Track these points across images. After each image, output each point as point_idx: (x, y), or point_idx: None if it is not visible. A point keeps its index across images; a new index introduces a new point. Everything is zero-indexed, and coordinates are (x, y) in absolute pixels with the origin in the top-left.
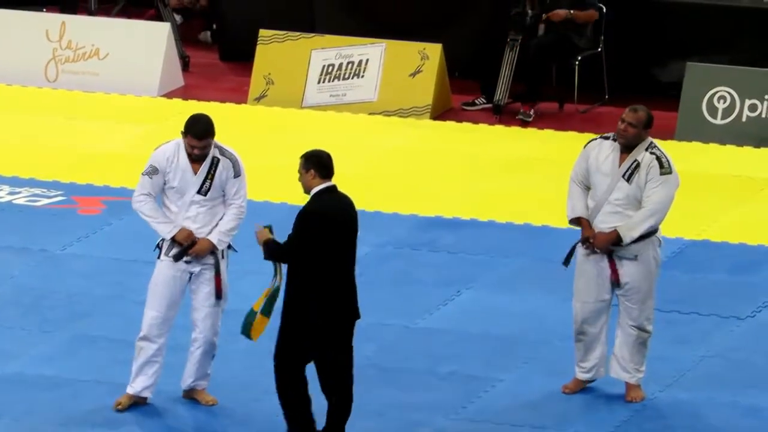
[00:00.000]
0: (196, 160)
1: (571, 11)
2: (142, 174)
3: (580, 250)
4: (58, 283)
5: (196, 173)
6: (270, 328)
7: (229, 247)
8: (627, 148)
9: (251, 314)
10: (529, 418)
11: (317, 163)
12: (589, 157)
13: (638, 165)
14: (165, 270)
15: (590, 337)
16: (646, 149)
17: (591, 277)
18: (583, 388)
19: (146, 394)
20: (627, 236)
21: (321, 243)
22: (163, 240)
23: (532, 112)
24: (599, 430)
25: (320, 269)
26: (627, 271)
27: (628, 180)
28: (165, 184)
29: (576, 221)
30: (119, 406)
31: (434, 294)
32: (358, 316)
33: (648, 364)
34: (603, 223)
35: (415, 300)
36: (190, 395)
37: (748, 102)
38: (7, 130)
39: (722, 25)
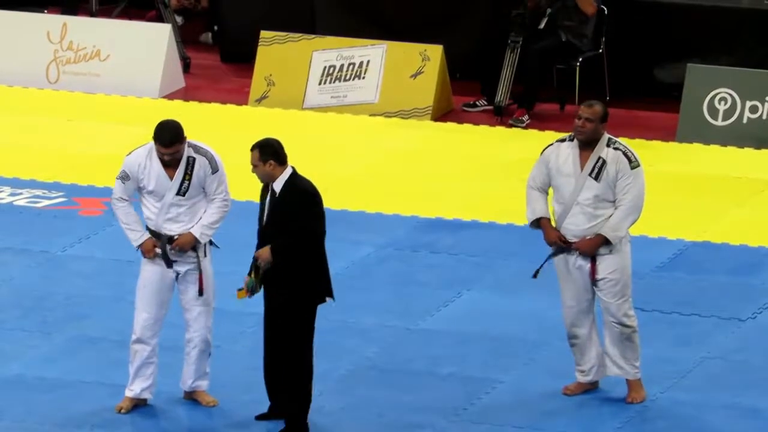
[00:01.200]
0: (169, 164)
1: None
2: (117, 178)
3: (560, 257)
4: (59, 284)
5: (171, 177)
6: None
7: (211, 243)
8: (586, 145)
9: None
10: (529, 419)
11: (274, 153)
12: (548, 161)
13: (604, 162)
14: (150, 271)
15: (582, 339)
16: (608, 145)
17: (571, 280)
18: (585, 390)
19: (146, 395)
20: (614, 237)
21: (316, 222)
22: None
23: (525, 117)
24: (600, 431)
25: (320, 246)
26: (603, 265)
27: (596, 178)
28: (139, 188)
29: (536, 223)
30: (121, 410)
31: (435, 295)
32: (330, 296)
33: (649, 365)
34: (573, 225)
35: (415, 301)
36: (191, 396)
37: (749, 103)
38: (9, 132)
39: (723, 27)
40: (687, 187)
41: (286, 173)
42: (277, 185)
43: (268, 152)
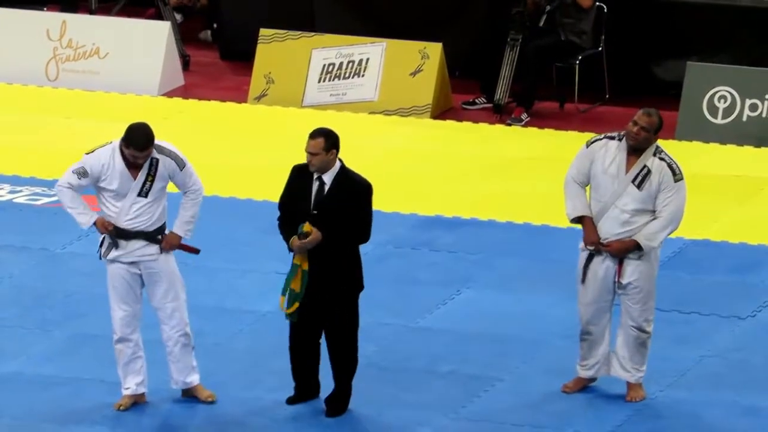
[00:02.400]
0: (135, 166)
1: None
2: (72, 170)
3: (584, 252)
4: (58, 282)
5: (135, 178)
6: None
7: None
8: (635, 151)
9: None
10: (528, 417)
11: (337, 143)
12: (594, 158)
13: (649, 171)
14: (118, 271)
15: (595, 336)
16: (655, 154)
17: (595, 278)
18: (583, 387)
19: (141, 390)
20: (647, 246)
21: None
22: (102, 242)
23: (524, 115)
24: (599, 429)
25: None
26: (630, 270)
27: (639, 186)
28: (99, 187)
29: (578, 220)
30: (121, 407)
31: (434, 293)
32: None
33: (648, 363)
34: (610, 228)
35: (414, 299)
36: (189, 394)
37: (748, 102)
38: (8, 129)
39: (723, 25)
40: (686, 186)
41: (338, 165)
42: (328, 177)
43: (333, 141)
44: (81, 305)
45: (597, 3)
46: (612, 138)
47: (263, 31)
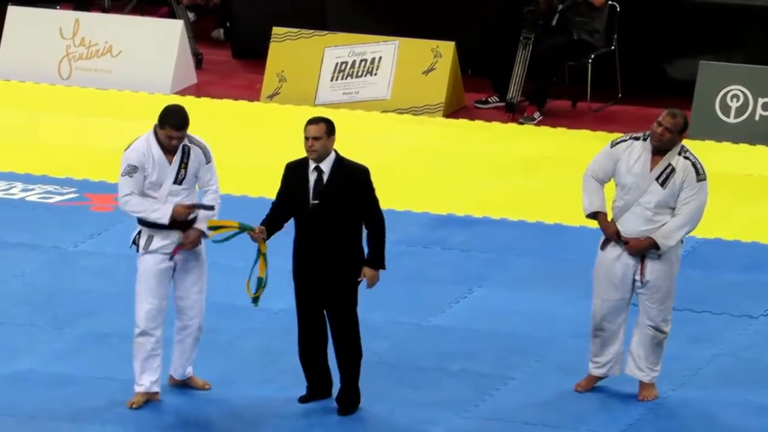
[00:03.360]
0: (170, 150)
1: None
2: (121, 176)
3: (606, 249)
4: (70, 280)
5: (171, 163)
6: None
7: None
8: (659, 151)
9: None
10: (540, 416)
11: (334, 130)
12: (619, 158)
13: (673, 170)
14: (151, 263)
15: (608, 333)
16: (680, 153)
17: (614, 275)
18: (595, 385)
19: (155, 389)
20: (665, 244)
21: None
22: (139, 235)
23: (537, 114)
24: (612, 428)
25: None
26: (650, 269)
27: (663, 184)
28: (145, 179)
29: (593, 215)
30: (134, 405)
31: (446, 292)
32: None
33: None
34: (630, 225)
35: (427, 298)
36: (183, 383)
37: (761, 100)
38: (21, 128)
39: (735, 24)
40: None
41: (334, 154)
42: (326, 165)
43: (332, 127)
44: (92, 303)
45: (609, 2)
46: (637, 138)
47: (276, 30)
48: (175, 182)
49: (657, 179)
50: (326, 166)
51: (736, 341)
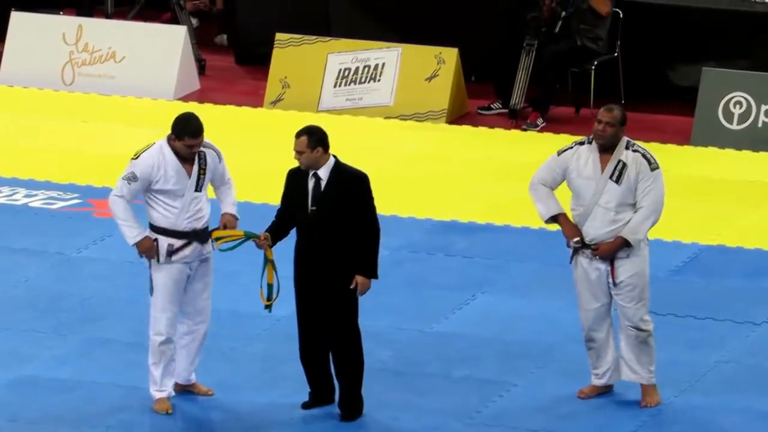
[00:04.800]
0: (188, 160)
1: None
2: (121, 178)
3: (577, 261)
4: (74, 285)
5: (189, 173)
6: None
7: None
8: (605, 149)
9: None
10: (543, 422)
11: (322, 140)
12: (567, 166)
13: (624, 165)
14: (172, 272)
15: (599, 342)
16: (627, 148)
17: (589, 283)
18: (599, 394)
19: (172, 392)
20: (634, 239)
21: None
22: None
23: (540, 120)
24: None
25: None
26: (622, 269)
27: (617, 181)
28: (152, 190)
29: (553, 219)
30: (170, 410)
31: (449, 298)
32: None
33: (663, 368)
34: (595, 229)
35: (430, 304)
36: (186, 389)
37: (764, 107)
38: (24, 133)
39: (738, 31)
40: (701, 191)
41: (332, 160)
42: (323, 172)
43: (316, 139)
44: (96, 309)
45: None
46: (581, 144)
47: (279, 36)
48: (196, 189)
49: (611, 177)
50: (324, 172)
51: (739, 348)
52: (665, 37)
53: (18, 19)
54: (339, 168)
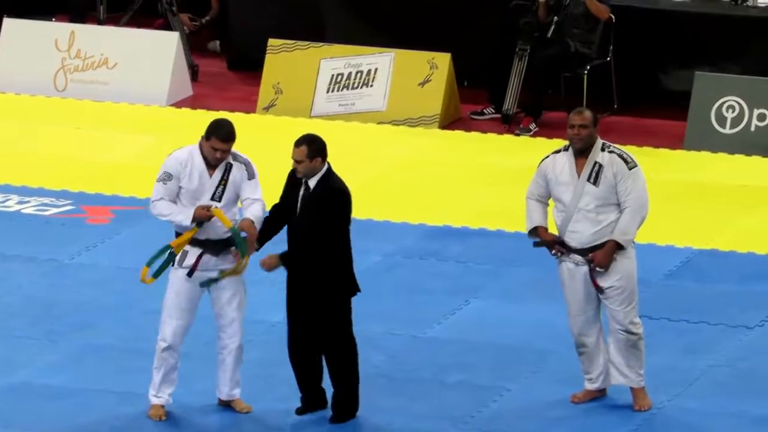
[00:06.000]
0: (214, 164)
1: None
2: (156, 181)
3: (562, 264)
4: (66, 292)
5: (211, 178)
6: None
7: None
8: (581, 153)
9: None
10: (537, 427)
11: (321, 150)
12: (546, 174)
13: (601, 166)
14: (181, 278)
15: (590, 347)
16: (603, 150)
17: (576, 289)
18: (592, 399)
19: (169, 400)
20: (625, 240)
21: (348, 220)
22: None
23: (533, 125)
24: None
25: (343, 245)
26: (610, 273)
27: (595, 183)
28: (180, 189)
29: (534, 231)
30: (163, 418)
31: (442, 303)
32: (359, 289)
33: (656, 373)
34: (575, 232)
35: (423, 309)
36: (227, 404)
37: (756, 111)
38: (17, 139)
39: (731, 35)
40: (694, 195)
41: (324, 170)
42: (313, 181)
43: (316, 149)
44: (89, 316)
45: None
46: (558, 152)
47: (272, 42)
48: (212, 197)
49: (588, 180)
50: (313, 182)
51: (732, 352)
52: (658, 42)
53: (10, 26)
54: (325, 179)
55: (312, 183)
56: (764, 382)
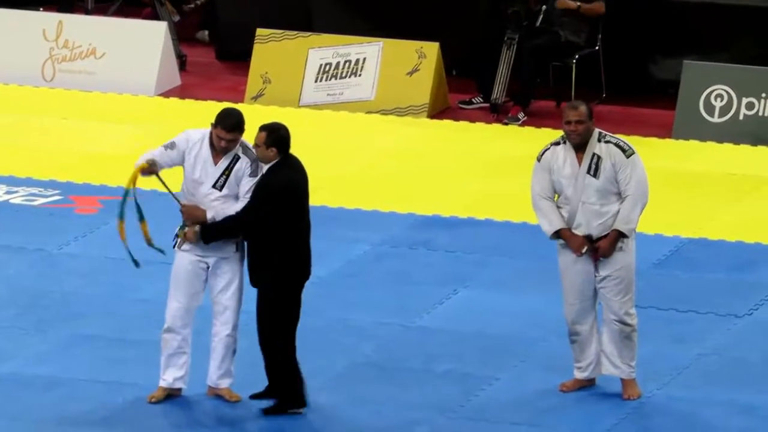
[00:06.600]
0: (220, 152)
1: (579, 4)
2: (162, 145)
3: (563, 254)
4: (55, 282)
5: (216, 165)
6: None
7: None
8: (580, 146)
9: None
10: (526, 416)
11: (279, 142)
12: (550, 166)
13: (599, 158)
14: (182, 260)
15: (583, 336)
16: (599, 140)
17: (576, 278)
18: (581, 388)
19: (179, 385)
20: (628, 229)
21: (278, 214)
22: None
23: (521, 114)
24: (596, 427)
25: (277, 237)
26: (609, 263)
27: (595, 175)
28: (185, 172)
29: (557, 234)
30: (153, 399)
31: (431, 293)
32: (308, 276)
33: (645, 362)
34: (588, 222)
35: (412, 299)
36: (214, 393)
37: (745, 100)
38: (4, 130)
39: (720, 24)
40: (683, 184)
41: (275, 162)
42: (263, 169)
43: (275, 139)
44: (77, 306)
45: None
46: (557, 144)
47: (260, 31)
48: (214, 185)
49: (588, 172)
50: (264, 169)
51: (721, 341)
52: (646, 31)
53: None
54: (270, 171)
55: (264, 169)
56: (753, 371)
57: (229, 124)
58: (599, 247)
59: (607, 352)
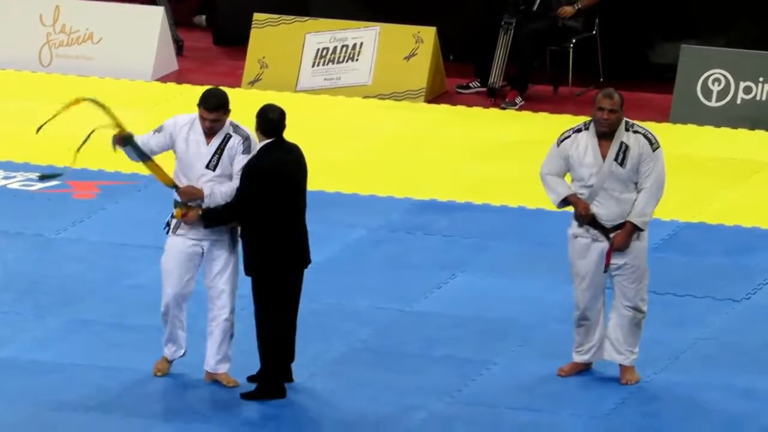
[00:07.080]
0: (209, 133)
1: (577, 4)
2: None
3: (577, 240)
4: (53, 267)
5: (208, 145)
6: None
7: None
8: (606, 135)
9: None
10: (523, 400)
11: (263, 125)
12: (568, 155)
13: (627, 147)
14: (175, 245)
15: (592, 321)
16: (627, 129)
17: (589, 264)
18: (579, 371)
19: (179, 355)
20: (642, 223)
21: (264, 197)
22: (172, 217)
23: (518, 99)
24: (594, 412)
25: (267, 221)
26: (627, 251)
27: (622, 164)
28: (176, 155)
29: (564, 202)
30: (159, 373)
31: (429, 277)
32: (306, 264)
33: (643, 346)
34: (607, 210)
35: (409, 283)
36: (212, 378)
37: (742, 84)
38: (1, 115)
39: (717, 8)
40: (681, 169)
41: (261, 145)
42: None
43: (260, 121)
44: (75, 291)
45: None
46: (579, 130)
47: (257, 16)
48: (207, 166)
49: (615, 160)
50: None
51: (719, 325)
52: (644, 15)
53: None
54: (256, 155)
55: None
56: (750, 355)
57: (212, 104)
58: (614, 240)
59: (612, 338)
